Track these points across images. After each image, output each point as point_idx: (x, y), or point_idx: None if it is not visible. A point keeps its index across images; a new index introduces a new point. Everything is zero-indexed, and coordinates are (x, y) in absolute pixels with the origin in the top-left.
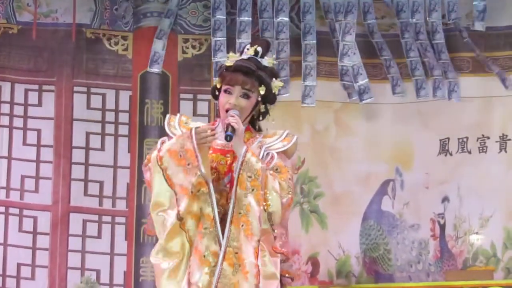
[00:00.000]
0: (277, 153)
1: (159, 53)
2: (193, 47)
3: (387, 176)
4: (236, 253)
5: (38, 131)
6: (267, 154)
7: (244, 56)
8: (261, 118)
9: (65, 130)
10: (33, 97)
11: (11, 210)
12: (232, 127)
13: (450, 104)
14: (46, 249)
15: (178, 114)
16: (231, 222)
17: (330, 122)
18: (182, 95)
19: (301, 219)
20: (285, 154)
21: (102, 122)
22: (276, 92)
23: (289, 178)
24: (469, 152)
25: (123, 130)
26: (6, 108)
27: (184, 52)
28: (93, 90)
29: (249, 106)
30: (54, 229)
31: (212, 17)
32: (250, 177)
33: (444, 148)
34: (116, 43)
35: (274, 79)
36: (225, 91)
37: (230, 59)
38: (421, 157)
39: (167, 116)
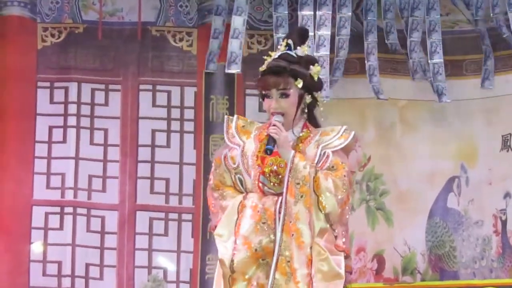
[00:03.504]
0: (335, 151)
1: (236, 53)
2: (259, 42)
3: (452, 173)
4: (288, 261)
5: (105, 131)
6: (324, 153)
7: (276, 54)
8: (312, 108)
9: (131, 128)
10: (99, 97)
11: (79, 210)
12: (273, 138)
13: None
14: (114, 249)
15: (235, 117)
16: (282, 230)
17: (395, 119)
18: (247, 91)
19: (367, 216)
20: (343, 151)
21: (168, 119)
22: (316, 79)
23: (344, 175)
24: None
25: (189, 126)
26: (73, 109)
27: (249, 47)
28: (158, 87)
29: (291, 104)
30: (121, 228)
31: (274, 13)
32: (298, 183)
33: (506, 144)
34: (181, 40)
35: (311, 66)
36: (265, 95)
37: (265, 62)
38: (485, 153)
39: (225, 121)
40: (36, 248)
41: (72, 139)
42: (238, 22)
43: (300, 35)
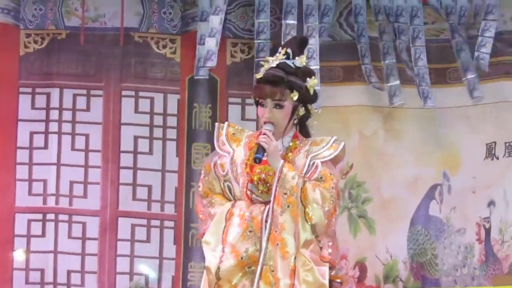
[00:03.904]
0: (324, 161)
1: (212, 50)
2: (242, 51)
3: (435, 180)
4: (272, 271)
5: (87, 136)
6: (313, 163)
7: (275, 63)
8: (304, 120)
9: (113, 134)
10: (81, 102)
11: (61, 216)
12: (262, 147)
13: (497, 108)
14: (95, 255)
15: (226, 124)
16: (267, 240)
17: (378, 127)
18: (230, 99)
19: (349, 224)
20: (332, 162)
21: (150, 126)
22: (312, 92)
23: (332, 187)
24: None
25: (171, 134)
26: (55, 114)
27: (232, 56)
28: (141, 93)
29: (284, 116)
30: (103, 234)
31: (256, 19)
32: (285, 193)
33: (490, 152)
34: (164, 47)
35: (308, 78)
36: (259, 104)
37: (263, 69)
38: (468, 161)
39: (216, 128)
40: (19, 256)
41: (54, 145)
42: (215, 21)
43: (299, 44)
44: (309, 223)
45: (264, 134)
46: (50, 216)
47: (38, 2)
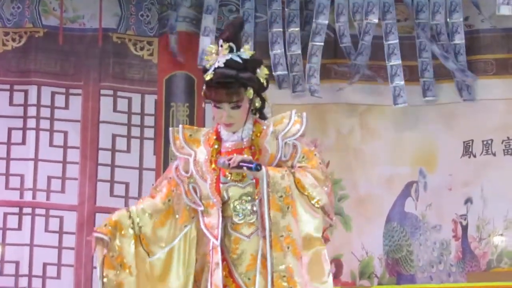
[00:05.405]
0: (297, 138)
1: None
2: None
3: (411, 178)
4: (284, 276)
5: (65, 133)
6: (286, 144)
7: (221, 61)
8: (262, 108)
9: (92, 132)
10: (59, 100)
11: (38, 210)
12: (244, 161)
13: (474, 107)
14: (72, 248)
15: (180, 127)
16: (271, 247)
17: (354, 124)
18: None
19: None
20: (303, 135)
21: (128, 125)
22: (264, 81)
23: (320, 163)
24: (494, 154)
25: (149, 133)
26: (33, 111)
27: None
28: (119, 93)
29: (243, 113)
30: (80, 228)
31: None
32: (281, 196)
33: (468, 150)
34: (142, 48)
35: (258, 69)
36: (215, 105)
37: (209, 64)
38: (445, 159)
39: (170, 132)
40: None
41: (32, 141)
42: (208, 20)
43: (237, 30)
44: (318, 206)
45: (229, 160)
46: (27, 210)
47: (16, 1)
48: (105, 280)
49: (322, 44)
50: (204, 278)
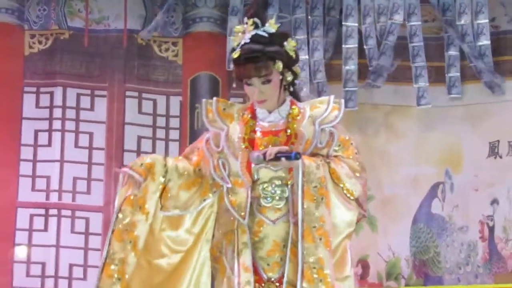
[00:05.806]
0: (335, 125)
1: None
2: None
3: (437, 178)
4: (314, 268)
5: (90, 134)
6: (322, 130)
7: (247, 37)
8: (294, 83)
9: (117, 133)
10: (85, 102)
11: (63, 212)
12: (281, 153)
13: (499, 107)
14: (98, 250)
15: (214, 100)
16: (302, 237)
17: (379, 125)
18: (232, 99)
19: None
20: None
21: (153, 127)
22: (293, 53)
23: (356, 152)
24: None
25: (174, 135)
26: (58, 113)
27: None
28: (144, 95)
29: (275, 87)
30: (106, 229)
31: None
32: (315, 186)
33: (493, 151)
34: (167, 50)
35: (285, 42)
36: (245, 83)
37: (236, 43)
38: (471, 159)
39: (203, 104)
40: (20, 249)
41: (57, 142)
42: (234, 21)
43: (262, 7)
44: (352, 198)
45: (264, 153)
46: (53, 211)
47: (42, 3)
48: (120, 215)
49: (356, 46)
50: (228, 258)
